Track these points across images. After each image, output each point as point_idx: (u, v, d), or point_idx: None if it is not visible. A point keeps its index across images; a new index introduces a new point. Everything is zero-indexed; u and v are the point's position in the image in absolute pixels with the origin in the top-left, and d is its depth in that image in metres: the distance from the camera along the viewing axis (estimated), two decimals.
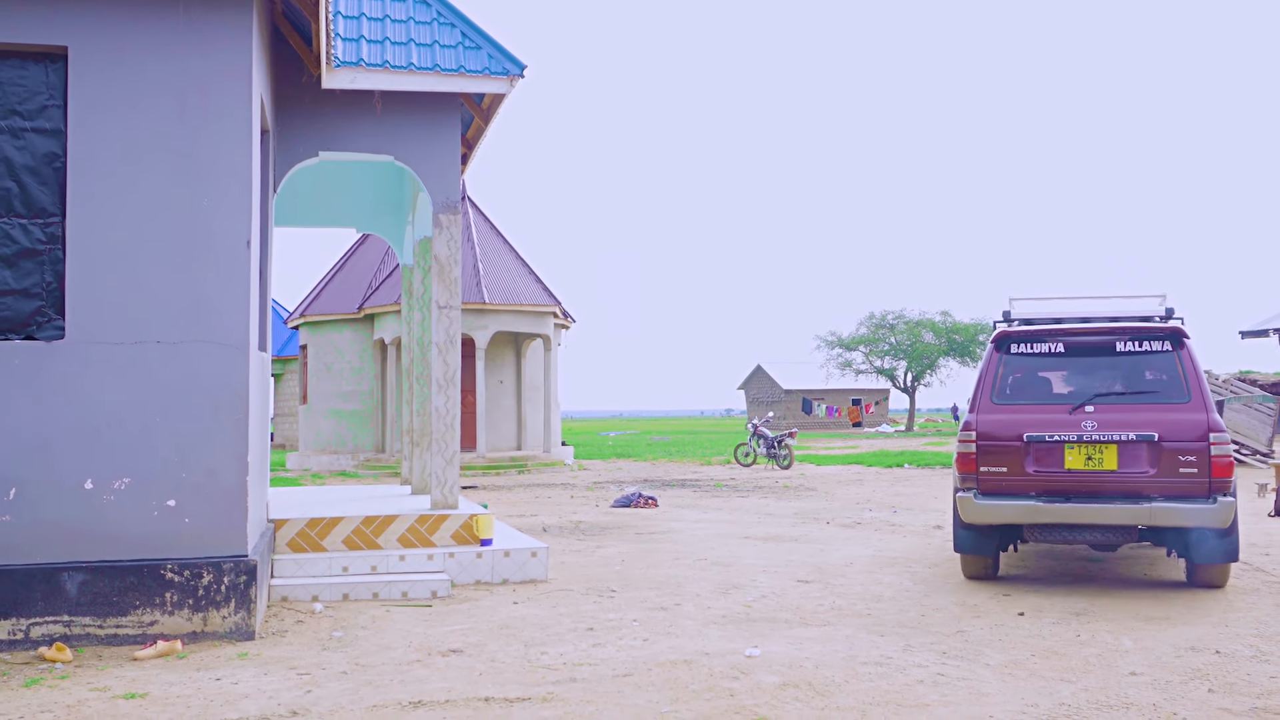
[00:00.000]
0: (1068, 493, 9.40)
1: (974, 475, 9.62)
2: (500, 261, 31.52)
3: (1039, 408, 9.64)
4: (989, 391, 9.84)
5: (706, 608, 8.84)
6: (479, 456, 29.17)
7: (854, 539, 13.65)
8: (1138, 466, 9.27)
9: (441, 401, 10.86)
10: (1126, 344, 9.78)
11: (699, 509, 18.15)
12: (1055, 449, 9.44)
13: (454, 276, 10.99)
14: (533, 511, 17.71)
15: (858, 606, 8.89)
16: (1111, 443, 9.33)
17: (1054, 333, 9.95)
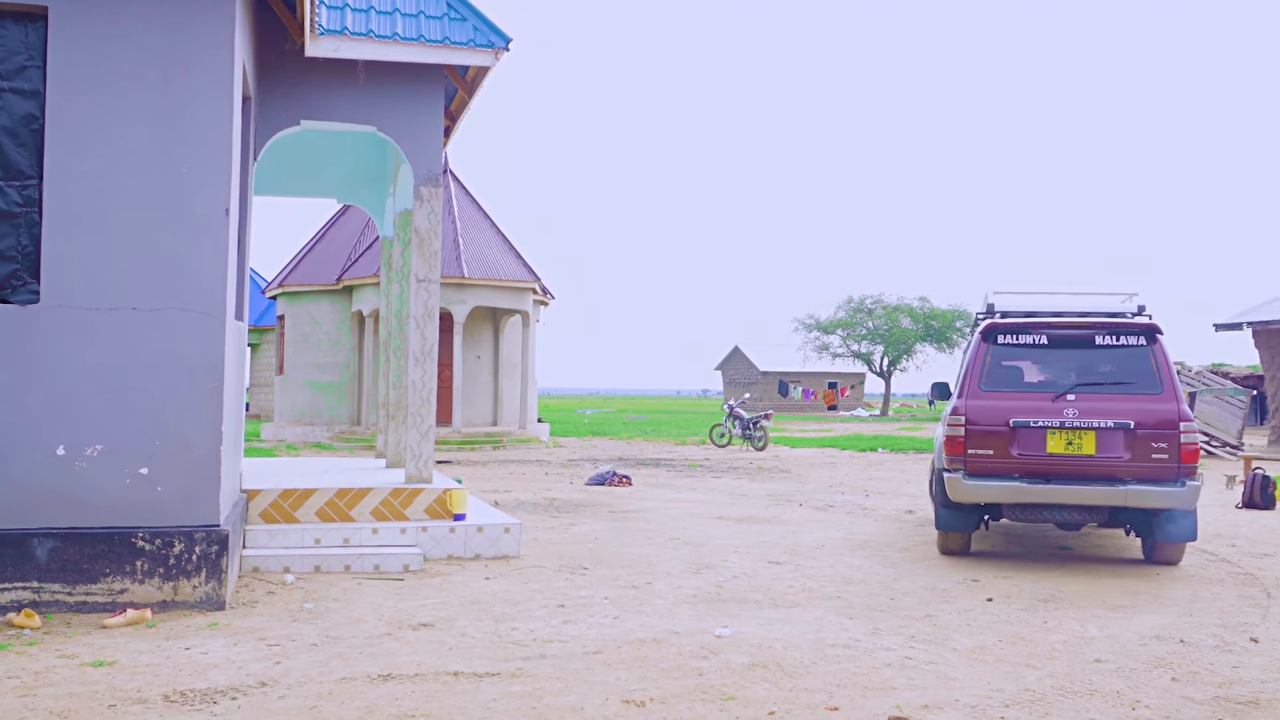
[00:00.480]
0: (1049, 475, 10.11)
1: (962, 457, 10.27)
2: (481, 236, 31.42)
3: (1024, 395, 10.33)
4: (977, 378, 10.49)
5: (678, 587, 8.87)
6: (454, 431, 29.15)
7: (826, 522, 13.70)
8: (1114, 452, 10.02)
9: (418, 375, 10.83)
10: (1105, 338, 10.46)
11: (673, 489, 18.18)
12: (1038, 434, 10.14)
13: (434, 250, 10.95)
14: (507, 488, 17.71)
15: (828, 589, 8.93)
16: (1091, 429, 10.05)
17: (1038, 325, 10.63)
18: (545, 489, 17.58)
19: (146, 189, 7.76)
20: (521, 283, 30.31)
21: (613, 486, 18.11)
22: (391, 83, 10.72)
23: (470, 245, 30.66)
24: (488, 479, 19.41)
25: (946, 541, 11.04)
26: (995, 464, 10.21)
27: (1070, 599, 8.73)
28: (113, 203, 7.71)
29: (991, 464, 10.22)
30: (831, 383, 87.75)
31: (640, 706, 5.59)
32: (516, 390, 31.89)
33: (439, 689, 5.84)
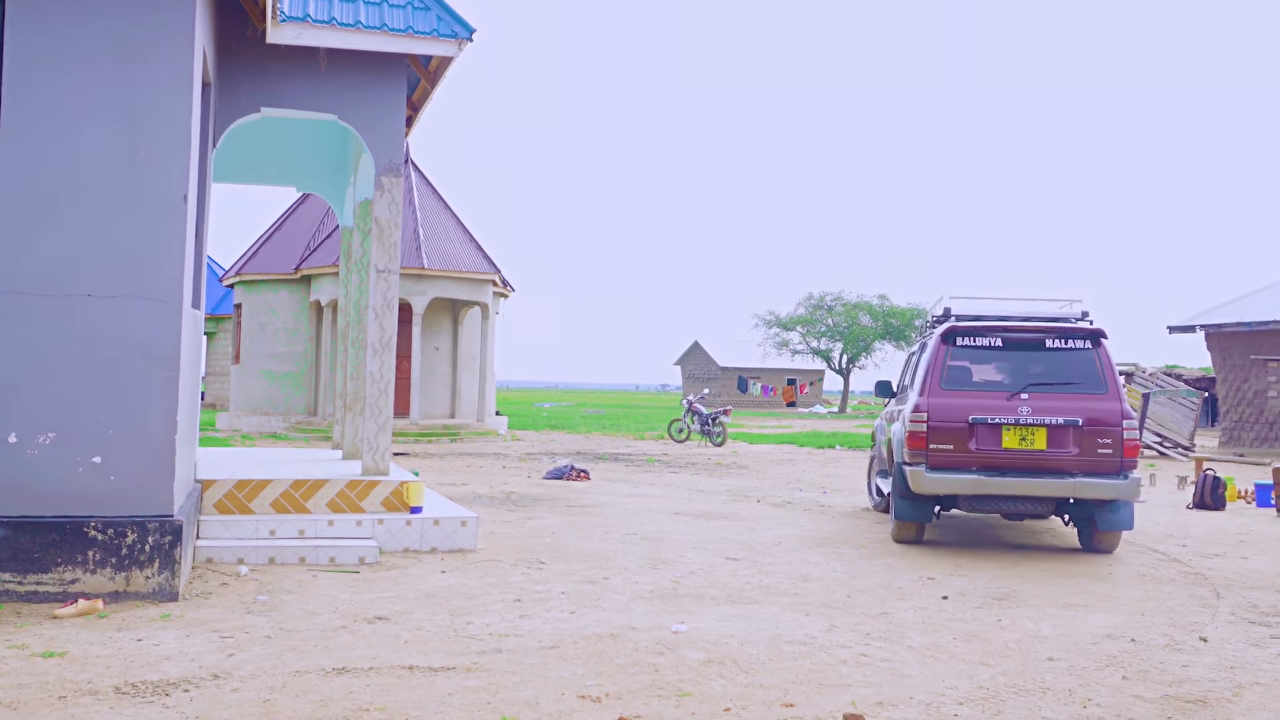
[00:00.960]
0: (1004, 468, 10.96)
1: (924, 451, 11.05)
2: (441, 227, 31.30)
3: (981, 394, 11.14)
4: (938, 378, 11.26)
5: (634, 582, 8.87)
6: (412, 423, 29.04)
7: (783, 518, 13.74)
8: (1063, 447, 10.90)
9: (376, 366, 10.78)
10: (1054, 341, 11.36)
11: (631, 483, 18.19)
12: (995, 430, 10.96)
13: (394, 240, 10.90)
14: (464, 480, 17.65)
15: (785, 586, 8.96)
16: (1042, 426, 10.90)
17: (993, 329, 11.49)
18: (503, 482, 17.54)
19: (103, 173, 7.66)
20: (481, 274, 30.23)
21: (570, 481, 18.10)
22: (353, 71, 10.65)
23: (430, 236, 30.54)
24: (445, 472, 19.34)
25: (902, 531, 11.71)
26: (955, 458, 10.98)
27: (1024, 597, 8.80)
28: (67, 187, 7.61)
29: (951, 458, 10.98)
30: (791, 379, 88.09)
31: (596, 702, 5.59)
32: (475, 382, 31.82)
33: (394, 683, 5.81)
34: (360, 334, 13.02)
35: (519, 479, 18.29)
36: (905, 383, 13.48)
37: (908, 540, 11.73)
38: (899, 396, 13.52)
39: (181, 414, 7.86)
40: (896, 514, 11.58)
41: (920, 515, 11.55)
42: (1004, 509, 11.30)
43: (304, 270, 30.73)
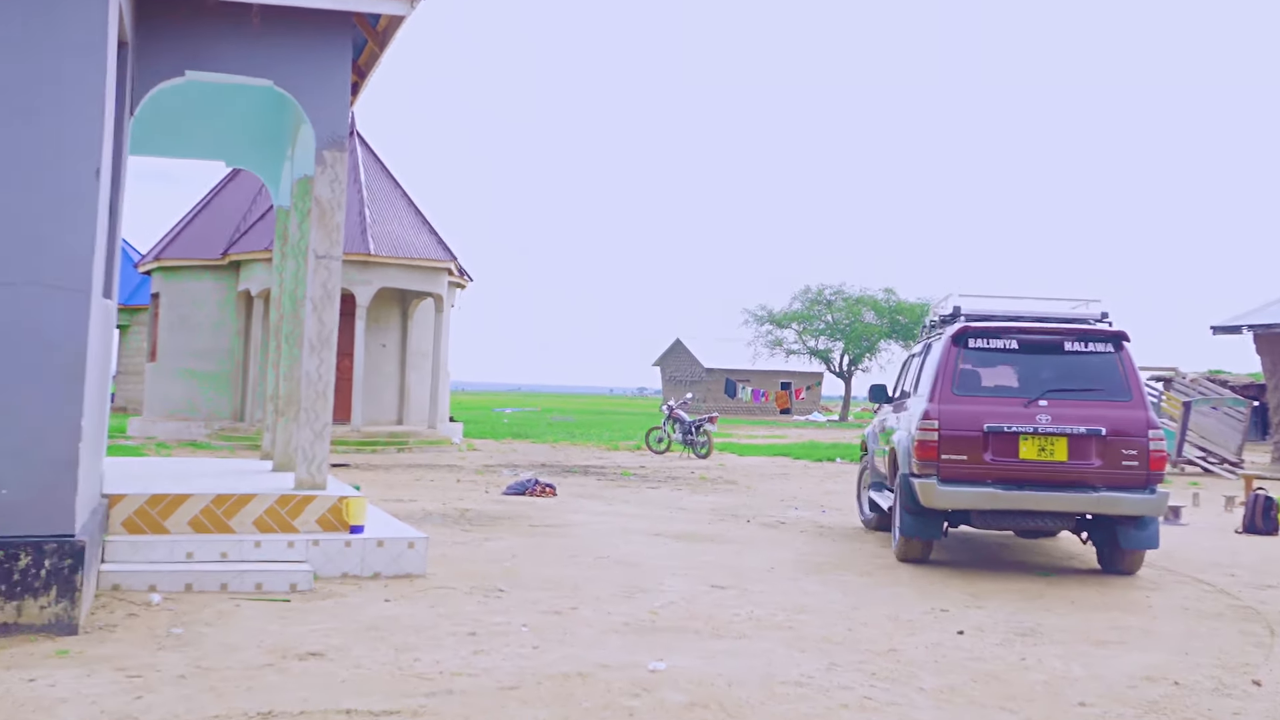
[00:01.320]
0: (1021, 481, 11.38)
1: (935, 462, 11.45)
2: (390, 208, 31.19)
3: (996, 400, 11.57)
4: (949, 383, 11.70)
5: (607, 613, 8.81)
6: (354, 430, 28.91)
7: (777, 541, 13.71)
8: (1085, 458, 11.35)
9: (314, 365, 10.69)
10: (1074, 344, 11.83)
11: (603, 500, 18.14)
12: (1011, 439, 11.38)
13: (336, 222, 10.82)
14: (412, 496, 17.57)
15: (778, 617, 8.91)
16: (1063, 435, 11.35)
17: (1009, 330, 11.96)
18: (457, 498, 17.46)
19: (1, 144, 7.54)
20: (435, 262, 30.13)
21: (534, 497, 18.04)
22: (292, 30, 10.54)
23: (378, 218, 30.42)
24: (391, 486, 19.24)
25: (908, 549, 12.14)
26: (969, 469, 11.39)
27: (1050, 632, 8.77)
28: None
29: (965, 469, 11.40)
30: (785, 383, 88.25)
31: None
32: (426, 384, 31.70)
33: None
34: (296, 328, 12.94)
35: (475, 494, 18.21)
36: (905, 388, 13.92)
37: (914, 559, 12.14)
38: (896, 402, 14.04)
39: (87, 419, 7.74)
40: (903, 530, 11.98)
41: (929, 532, 11.91)
42: (1021, 525, 11.75)
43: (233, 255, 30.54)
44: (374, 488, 18.55)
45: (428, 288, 30.33)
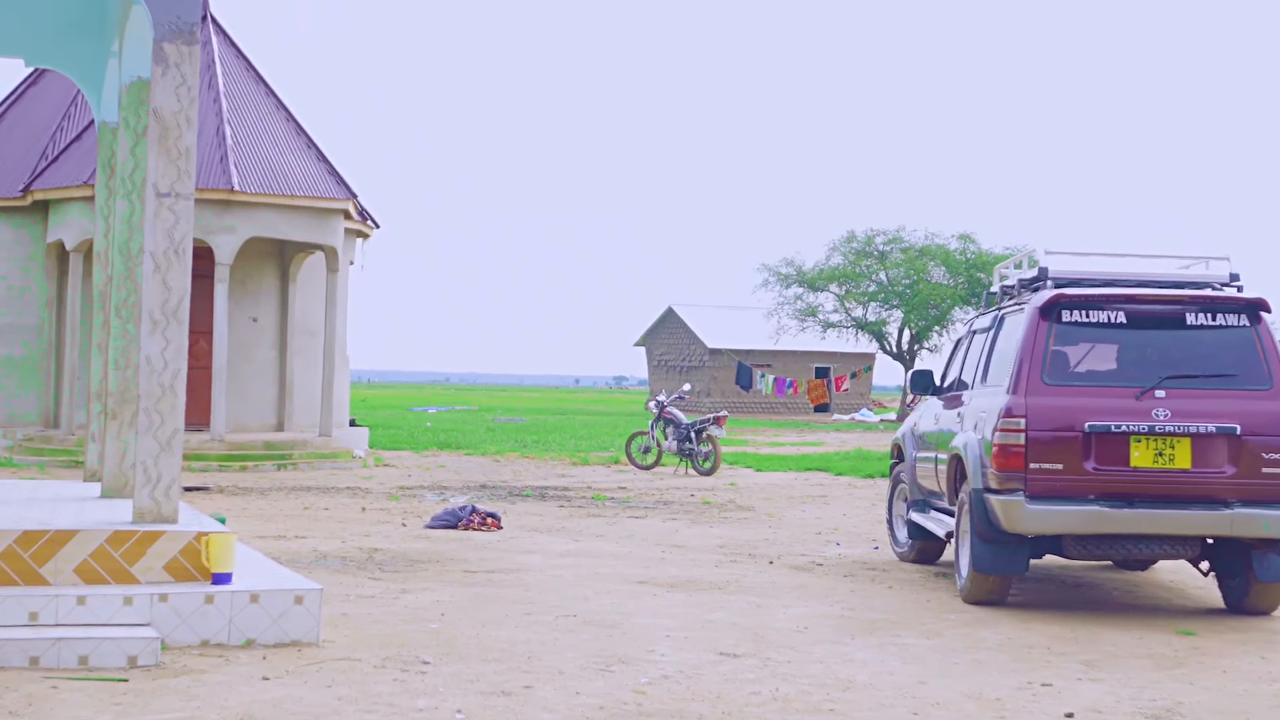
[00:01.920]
0: (1132, 496, 11.90)
1: (1020, 474, 11.92)
2: (263, 126, 31.13)
3: (1099, 391, 12.17)
4: (1038, 368, 12.14)
5: (574, 694, 8.82)
6: (215, 440, 28.87)
7: (811, 589, 13.73)
8: (1214, 465, 11.89)
9: (157, 348, 10.66)
10: (1198, 316, 12.35)
11: (567, 535, 18.14)
12: (1120, 442, 11.88)
13: (185, 146, 10.78)
14: (301, 531, 17.56)
15: (815, 698, 8.93)
16: (1185, 435, 11.85)
17: (1114, 299, 12.48)
18: (362, 534, 17.46)
19: None
20: (326, 201, 30.08)
21: (471, 531, 18.04)
22: None
23: (245, 141, 30.35)
24: (269, 517, 19.22)
25: (981, 587, 12.66)
26: (1066, 482, 11.90)
27: (1197, 711, 8.80)
28: None
29: (1061, 482, 11.90)
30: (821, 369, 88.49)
31: None
32: (317, 374, 31.66)
33: None
34: (130, 296, 12.88)
35: (388, 529, 18.21)
36: (961, 375, 14.81)
37: (988, 600, 12.68)
38: (948, 395, 14.91)
39: None
40: (975, 564, 12.45)
41: (1010, 565, 12.42)
42: (1131, 553, 12.31)
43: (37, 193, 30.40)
44: (246, 520, 18.50)
45: (316, 237, 30.26)
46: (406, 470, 29.85)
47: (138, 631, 9.45)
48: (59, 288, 31.18)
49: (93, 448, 14.16)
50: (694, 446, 30.64)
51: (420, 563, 14.92)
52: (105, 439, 13.20)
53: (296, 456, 29.45)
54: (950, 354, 16.18)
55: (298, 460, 29.28)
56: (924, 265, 77.05)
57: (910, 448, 16.01)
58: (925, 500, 15.43)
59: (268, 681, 8.89)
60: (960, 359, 15.20)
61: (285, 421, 31.76)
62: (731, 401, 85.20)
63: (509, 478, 28.41)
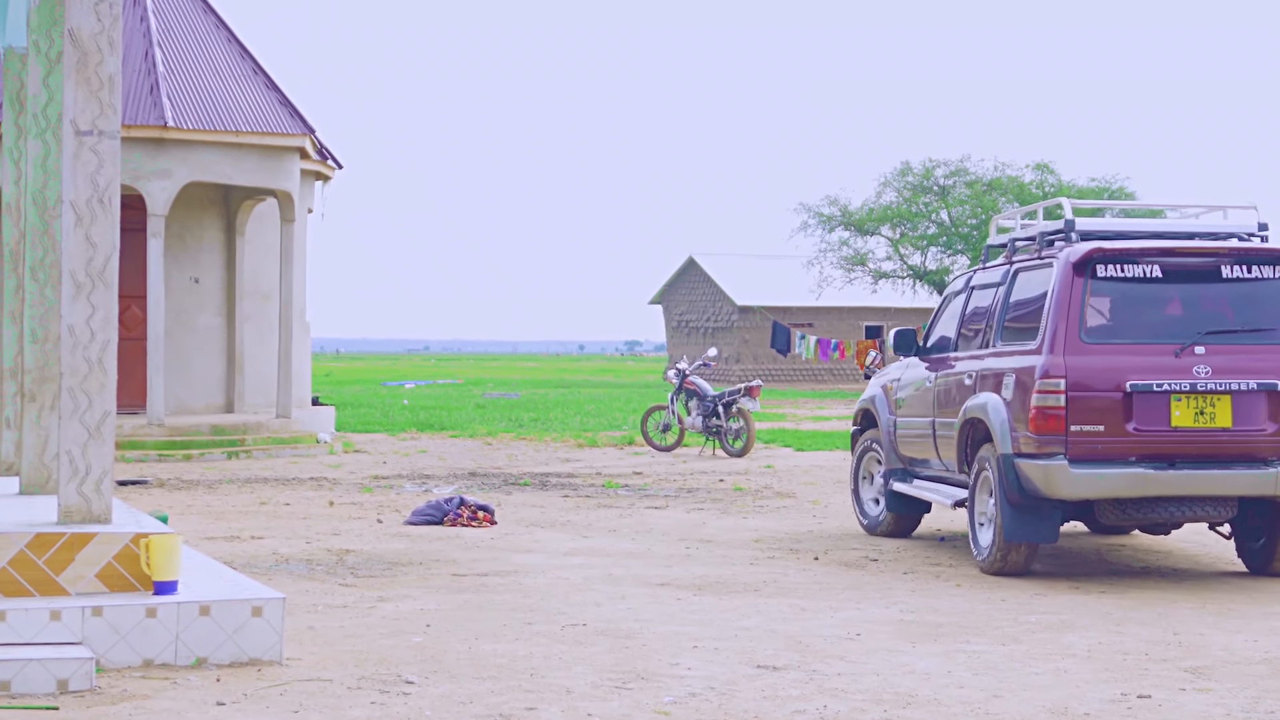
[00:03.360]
0: (1171, 457, 13.40)
1: (1062, 437, 13.33)
2: (200, 51, 31.08)
3: (1138, 348, 13.64)
4: (1075, 326, 13.55)
5: (586, 716, 8.87)
6: (152, 424, 28.88)
7: (864, 588, 13.77)
8: (1255, 423, 13.44)
9: (81, 317, 10.67)
10: (1233, 268, 13.87)
11: (574, 530, 18.19)
12: (1161, 401, 13.38)
13: (107, 73, 10.77)
14: (257, 530, 17.62)
15: (870, 716, 8.97)
16: (1226, 393, 13.37)
17: (1149, 252, 13.93)
18: (330, 532, 17.52)
19: None
20: (279, 137, 30.00)
21: (460, 527, 18.07)
22: None
23: (180, 67, 30.31)
24: (220, 514, 19.28)
25: (1011, 558, 14.13)
26: (1107, 445, 13.36)
27: None
28: None
29: (1103, 445, 13.36)
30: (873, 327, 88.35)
31: None
32: (271, 344, 31.66)
33: None
34: (48, 254, 12.87)
35: (360, 525, 18.26)
36: (953, 332, 16.46)
37: (1013, 571, 14.20)
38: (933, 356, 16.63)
39: None
40: (1007, 534, 13.90)
41: (1043, 533, 13.96)
42: (1168, 516, 13.88)
43: None
44: (192, 518, 18.55)
45: (267, 181, 30.17)
46: (381, 457, 29.88)
47: (68, 651, 9.47)
48: None
49: (7, 435, 14.14)
50: (722, 423, 30.61)
51: (400, 565, 14.96)
52: (22, 425, 13.18)
53: (250, 442, 29.47)
54: (940, 309, 17.45)
55: (251, 447, 29.28)
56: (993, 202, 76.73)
57: (886, 413, 17.44)
58: (906, 469, 17.02)
59: (223, 707, 8.94)
60: (955, 316, 16.58)
61: (235, 401, 31.78)
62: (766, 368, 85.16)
63: (503, 464, 28.44)
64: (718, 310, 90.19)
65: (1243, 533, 14.38)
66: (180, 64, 30.30)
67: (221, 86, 30.44)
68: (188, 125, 28.99)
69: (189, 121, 29.10)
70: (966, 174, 78.06)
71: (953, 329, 16.40)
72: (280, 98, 31.11)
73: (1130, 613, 12.49)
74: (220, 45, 31.50)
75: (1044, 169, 77.18)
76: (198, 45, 31.11)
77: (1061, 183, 76.17)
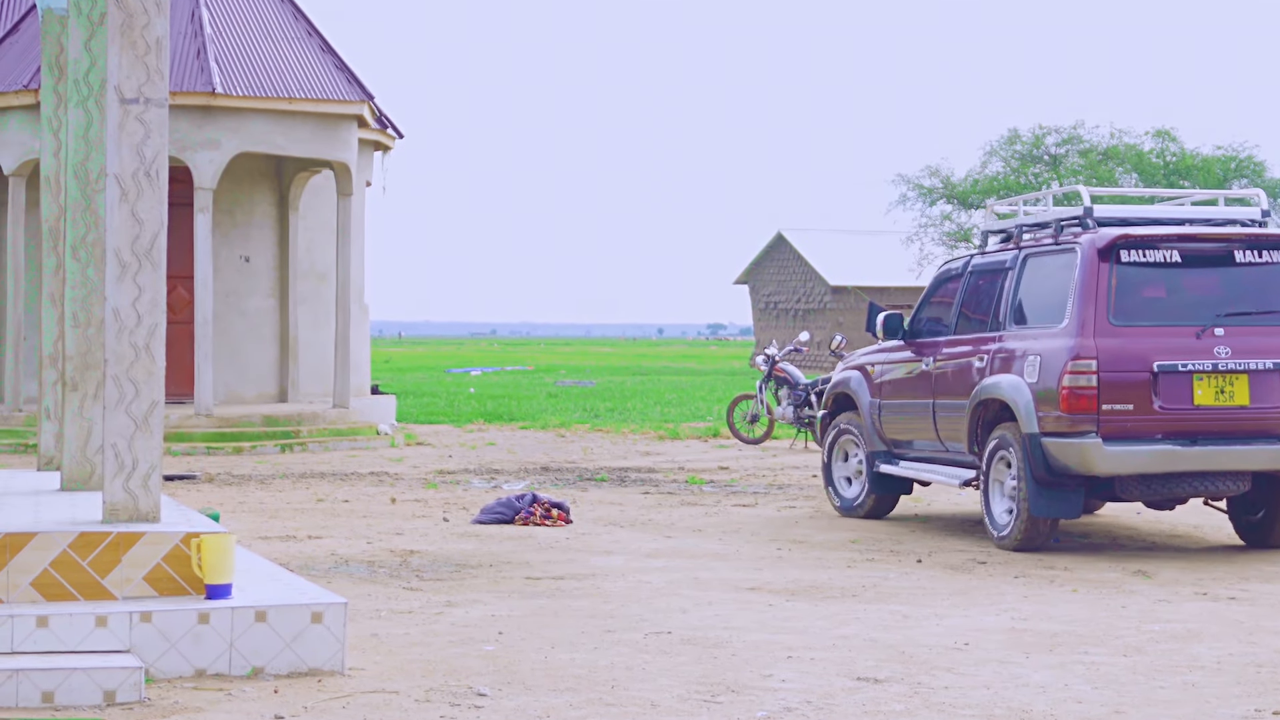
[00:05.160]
0: (1194, 434, 15.23)
1: (1093, 416, 15.05)
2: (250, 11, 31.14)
3: (1162, 331, 15.41)
4: (1104, 310, 15.29)
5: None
6: (201, 414, 28.96)
7: (973, 594, 13.73)
8: (1270, 401, 15.33)
9: (127, 299, 10.70)
10: (1245, 253, 15.70)
11: (656, 529, 18.20)
12: (1185, 381, 15.17)
13: (155, 37, 10.79)
14: (314, 529, 17.68)
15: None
16: (1243, 372, 15.21)
17: (1169, 238, 15.69)
18: (393, 531, 17.55)
19: None
20: (335, 104, 30.03)
21: (532, 526, 18.07)
22: None
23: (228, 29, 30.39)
24: (274, 512, 19.37)
25: (1034, 533, 15.88)
26: (1136, 423, 15.14)
27: None
28: None
29: (1132, 423, 15.14)
30: None
31: None
32: (328, 328, 31.73)
33: None
34: (90, 232, 12.91)
35: (425, 524, 18.29)
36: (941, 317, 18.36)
37: (1035, 546, 15.99)
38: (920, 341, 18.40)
39: None
40: (1033, 509, 15.61)
41: (1068, 508, 15.83)
42: (1187, 491, 15.71)
43: None
44: (245, 516, 18.62)
45: (322, 151, 30.19)
46: (446, 449, 29.92)
47: (115, 660, 9.51)
48: None
49: (47, 427, 14.21)
50: (815, 413, 30.52)
51: (469, 568, 14.98)
52: (64, 416, 13.23)
53: (305, 434, 29.56)
54: (929, 293, 19.09)
55: (306, 439, 29.38)
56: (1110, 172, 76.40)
57: (867, 396, 19.15)
58: (889, 451, 18.74)
59: None
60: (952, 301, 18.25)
61: (289, 390, 31.88)
62: None
63: (577, 457, 28.45)
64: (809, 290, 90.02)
65: (1240, 507, 16.42)
66: (229, 26, 30.38)
67: (273, 50, 30.49)
68: (237, 92, 29.03)
69: (238, 88, 29.14)
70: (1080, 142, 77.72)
71: (949, 314, 18.15)
72: (336, 61, 31.14)
73: (1263, 621, 12.41)
74: (272, 5, 31.54)
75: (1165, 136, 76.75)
76: (247, 6, 31.17)
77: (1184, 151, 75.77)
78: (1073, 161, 77.06)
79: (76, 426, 12.99)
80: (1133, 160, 76.01)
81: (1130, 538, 17.59)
